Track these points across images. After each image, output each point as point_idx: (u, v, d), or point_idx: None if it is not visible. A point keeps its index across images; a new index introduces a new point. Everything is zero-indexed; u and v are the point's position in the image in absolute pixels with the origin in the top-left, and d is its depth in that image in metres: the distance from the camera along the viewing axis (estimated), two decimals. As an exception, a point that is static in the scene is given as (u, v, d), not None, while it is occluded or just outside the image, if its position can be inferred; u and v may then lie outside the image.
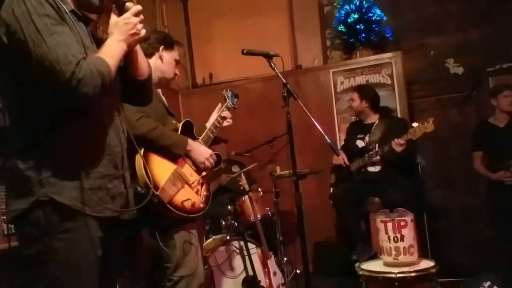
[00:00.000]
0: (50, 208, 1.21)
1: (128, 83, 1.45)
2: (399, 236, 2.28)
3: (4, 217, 2.29)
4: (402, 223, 2.29)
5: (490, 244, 4.04)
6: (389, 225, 2.30)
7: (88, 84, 1.17)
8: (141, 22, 1.35)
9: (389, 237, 2.30)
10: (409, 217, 2.32)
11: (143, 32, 1.35)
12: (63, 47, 1.17)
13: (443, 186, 4.53)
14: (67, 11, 1.25)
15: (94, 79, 1.19)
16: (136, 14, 1.33)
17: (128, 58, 1.39)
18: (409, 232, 2.29)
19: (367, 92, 3.77)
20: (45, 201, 1.21)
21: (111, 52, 1.28)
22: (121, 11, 1.34)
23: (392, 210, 2.38)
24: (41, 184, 1.21)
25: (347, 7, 4.36)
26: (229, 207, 3.35)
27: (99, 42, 1.40)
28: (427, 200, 4.18)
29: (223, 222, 3.36)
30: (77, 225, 1.24)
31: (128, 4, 1.33)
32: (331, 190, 3.86)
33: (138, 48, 1.42)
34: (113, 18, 1.35)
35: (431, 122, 3.25)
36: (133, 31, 1.32)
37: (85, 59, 1.20)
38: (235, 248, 3.09)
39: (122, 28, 1.31)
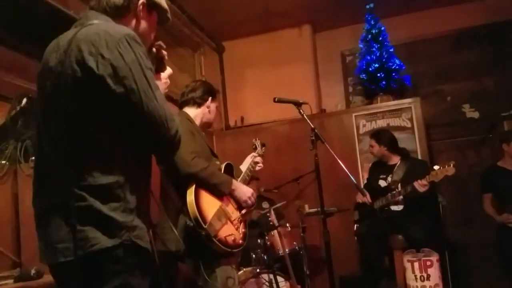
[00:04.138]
0: (130, 248, 1.19)
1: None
2: (425, 275, 2.22)
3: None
4: (428, 263, 2.23)
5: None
6: (416, 264, 2.24)
7: (180, 141, 1.28)
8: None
9: (415, 276, 2.24)
10: (434, 257, 2.24)
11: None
12: (166, 104, 1.23)
13: (462, 224, 4.34)
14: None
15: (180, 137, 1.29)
16: (169, 76, 1.50)
17: None
18: (435, 272, 2.22)
19: (383, 137, 3.69)
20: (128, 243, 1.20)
21: None
22: (158, 69, 1.47)
23: (419, 250, 2.27)
24: (125, 228, 1.18)
25: (368, 57, 4.37)
26: (259, 240, 3.29)
27: None
28: (448, 238, 3.98)
29: (253, 255, 3.29)
30: (147, 264, 1.28)
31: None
32: (356, 227, 3.74)
33: None
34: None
35: (451, 165, 3.14)
36: (167, 90, 1.47)
37: None
38: (265, 281, 3.01)
39: (162, 86, 1.43)
